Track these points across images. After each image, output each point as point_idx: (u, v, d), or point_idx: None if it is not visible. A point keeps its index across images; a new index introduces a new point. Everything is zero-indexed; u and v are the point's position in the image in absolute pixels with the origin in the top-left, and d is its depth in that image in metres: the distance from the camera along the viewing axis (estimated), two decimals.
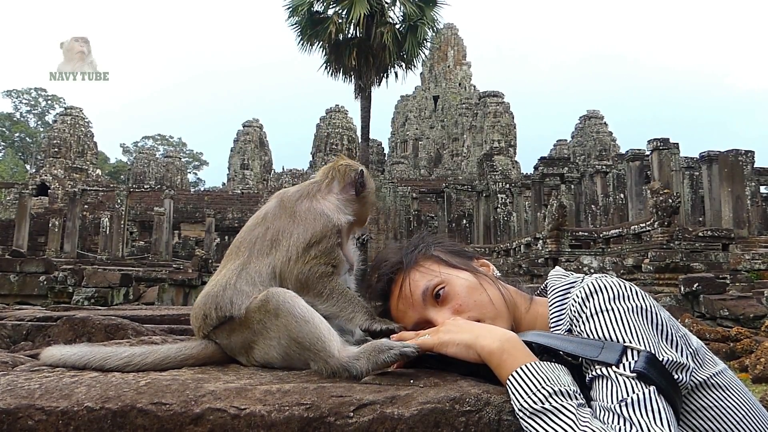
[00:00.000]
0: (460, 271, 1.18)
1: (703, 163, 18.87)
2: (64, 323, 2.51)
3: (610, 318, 0.97)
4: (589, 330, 0.98)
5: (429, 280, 1.15)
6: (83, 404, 0.91)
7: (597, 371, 0.92)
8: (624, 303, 0.98)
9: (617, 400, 0.88)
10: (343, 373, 1.03)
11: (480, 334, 1.00)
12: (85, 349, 1.16)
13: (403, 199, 28.34)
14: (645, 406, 0.86)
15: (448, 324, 1.06)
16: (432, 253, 1.21)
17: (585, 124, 38.40)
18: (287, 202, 1.25)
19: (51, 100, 59.79)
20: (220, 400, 0.91)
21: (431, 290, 1.14)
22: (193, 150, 67.27)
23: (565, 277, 1.14)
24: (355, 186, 1.29)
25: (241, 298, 1.14)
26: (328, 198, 1.27)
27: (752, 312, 8.63)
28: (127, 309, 5.86)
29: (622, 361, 0.90)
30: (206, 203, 34.26)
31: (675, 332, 0.99)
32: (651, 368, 0.89)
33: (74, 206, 25.57)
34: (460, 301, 1.13)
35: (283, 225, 1.21)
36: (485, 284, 1.16)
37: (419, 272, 1.17)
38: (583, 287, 1.03)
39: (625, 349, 0.92)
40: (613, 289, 1.00)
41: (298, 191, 1.28)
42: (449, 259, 1.20)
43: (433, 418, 0.89)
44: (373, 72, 20.96)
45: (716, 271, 12.10)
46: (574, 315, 1.02)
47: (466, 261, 1.22)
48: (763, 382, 5.80)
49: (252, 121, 44.87)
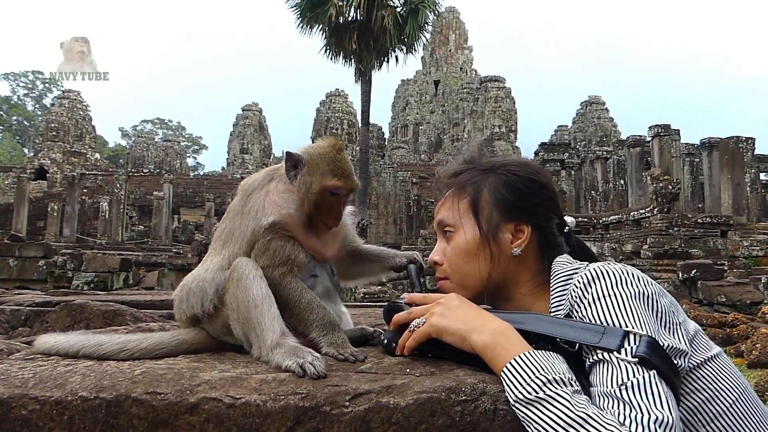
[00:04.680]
0: (476, 228, 1.16)
1: (704, 150, 18.81)
2: (61, 309, 2.51)
3: (612, 303, 0.96)
4: (590, 315, 0.97)
5: (448, 217, 1.20)
6: (77, 394, 0.91)
7: (597, 356, 0.92)
8: (626, 288, 0.97)
9: (617, 384, 0.87)
10: (266, 362, 1.04)
11: (474, 327, 0.99)
12: (79, 337, 1.15)
13: (403, 184, 28.31)
14: (645, 390, 0.85)
15: (442, 306, 1.04)
16: (480, 190, 1.18)
17: (586, 110, 38.21)
18: (244, 195, 1.20)
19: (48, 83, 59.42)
20: (216, 390, 0.91)
21: (443, 227, 1.21)
22: (192, 134, 67.08)
23: (569, 264, 1.13)
24: (287, 174, 1.17)
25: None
26: (278, 188, 1.18)
27: (749, 298, 8.67)
28: (126, 294, 5.88)
29: (623, 346, 0.90)
30: (206, 188, 34.21)
31: (673, 318, 0.99)
32: (652, 353, 0.88)
33: (73, 190, 25.52)
34: (448, 257, 1.19)
35: (234, 223, 1.19)
36: (481, 256, 1.15)
37: (451, 201, 1.21)
38: (585, 273, 1.02)
39: (626, 334, 0.91)
40: (616, 274, 0.99)
41: (254, 182, 1.22)
42: (484, 207, 1.17)
43: (429, 408, 0.89)
44: (374, 56, 20.81)
45: (714, 257, 12.12)
46: (575, 300, 1.01)
47: (498, 219, 1.16)
48: (758, 367, 5.83)
49: (251, 105, 44.63)
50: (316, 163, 1.16)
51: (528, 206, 1.17)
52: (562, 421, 0.84)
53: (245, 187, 1.23)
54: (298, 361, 0.98)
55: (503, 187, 1.17)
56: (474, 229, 1.16)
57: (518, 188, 1.17)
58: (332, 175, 1.16)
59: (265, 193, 1.18)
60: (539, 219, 1.18)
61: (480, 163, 1.24)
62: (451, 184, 1.23)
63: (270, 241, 1.13)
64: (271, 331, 1.05)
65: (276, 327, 1.06)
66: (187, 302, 1.18)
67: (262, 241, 1.14)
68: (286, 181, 1.18)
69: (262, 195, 1.18)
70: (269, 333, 1.05)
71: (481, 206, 1.17)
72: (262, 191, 1.19)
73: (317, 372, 0.95)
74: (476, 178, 1.19)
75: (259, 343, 1.07)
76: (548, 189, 1.22)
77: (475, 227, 1.16)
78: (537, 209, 1.18)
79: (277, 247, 1.13)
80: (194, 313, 1.16)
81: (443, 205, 1.22)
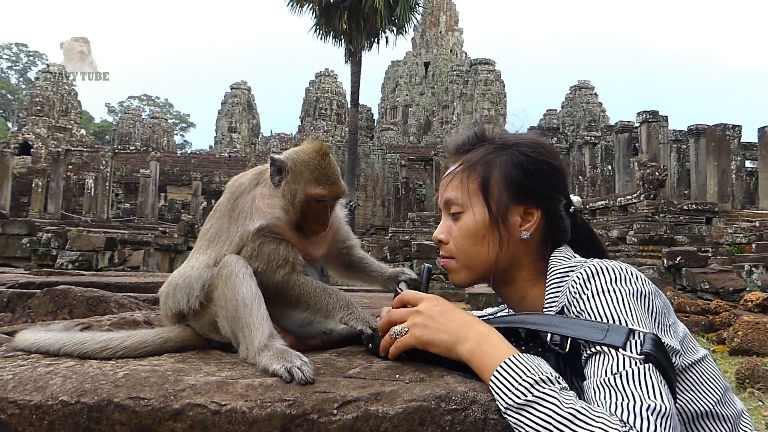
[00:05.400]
0: (485, 210, 1.13)
1: (691, 137, 18.94)
2: (44, 294, 2.46)
3: (611, 299, 0.96)
4: (588, 310, 0.97)
5: (456, 197, 1.16)
6: (58, 398, 0.88)
7: (593, 349, 0.92)
8: (625, 285, 0.98)
9: (611, 373, 0.87)
10: (252, 364, 1.02)
11: (458, 337, 0.97)
12: (61, 334, 1.13)
13: (391, 166, 28.24)
14: (640, 380, 0.85)
15: (424, 315, 1.00)
16: (490, 170, 1.14)
17: (575, 95, 38.21)
18: (231, 197, 1.18)
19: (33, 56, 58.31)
20: (200, 395, 0.89)
21: (450, 206, 1.17)
22: (179, 111, 66.37)
23: (567, 260, 1.12)
24: (272, 179, 1.15)
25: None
26: (263, 193, 1.15)
27: (732, 286, 8.79)
28: (111, 275, 5.81)
29: (628, 343, 0.89)
30: (193, 166, 33.91)
31: (665, 320, 1.00)
32: (657, 351, 0.88)
33: (58, 166, 25.17)
34: (454, 237, 1.16)
35: (220, 225, 1.17)
36: (490, 239, 1.13)
37: (460, 180, 1.16)
38: (584, 269, 1.02)
39: (630, 331, 0.91)
40: (614, 271, 1.00)
41: (240, 185, 1.19)
42: (494, 188, 1.13)
43: (418, 417, 0.87)
44: (364, 36, 20.61)
45: (699, 244, 12.26)
46: (574, 296, 1.00)
47: (508, 202, 1.13)
48: (739, 354, 5.93)
49: (240, 83, 44.14)
50: (300, 171, 1.13)
51: (538, 189, 1.14)
52: (552, 419, 0.83)
53: (232, 189, 1.20)
54: (285, 366, 0.96)
55: (515, 168, 1.14)
56: (483, 210, 1.13)
57: (530, 170, 1.14)
58: (316, 183, 1.13)
59: (251, 199, 1.15)
60: (549, 202, 1.16)
61: (491, 139, 1.19)
62: (461, 161, 1.19)
63: (261, 246, 1.11)
64: (260, 333, 1.04)
65: (264, 328, 1.04)
66: (173, 298, 1.16)
67: (252, 246, 1.12)
68: (272, 185, 1.15)
69: (248, 201, 1.15)
70: (257, 334, 1.03)
71: (491, 187, 1.14)
72: (249, 196, 1.16)
73: (305, 377, 0.93)
74: (487, 157, 1.16)
75: (247, 344, 1.05)
76: (559, 170, 1.19)
77: (484, 209, 1.13)
78: (547, 192, 1.16)
79: (270, 250, 1.12)
80: (180, 309, 1.15)
81: (451, 182, 1.18)
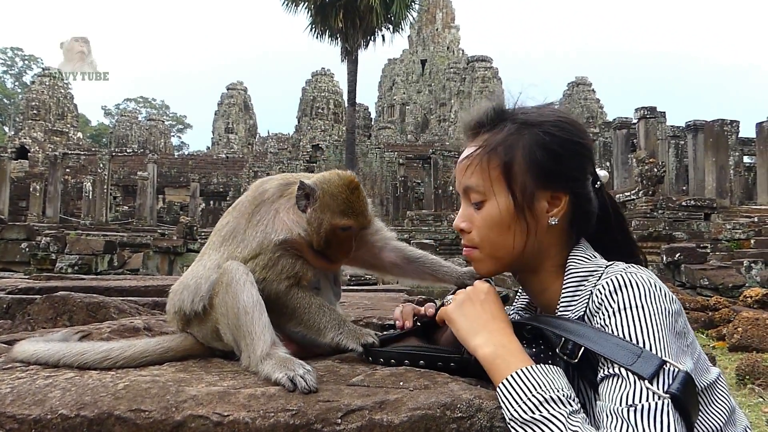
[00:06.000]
0: (509, 197, 1.05)
1: (689, 132, 18.93)
2: (44, 301, 2.45)
3: (639, 317, 0.91)
4: (613, 325, 0.92)
5: (477, 184, 1.07)
6: (57, 411, 0.87)
7: (613, 370, 0.88)
8: (654, 303, 0.92)
9: (626, 404, 0.84)
10: (255, 373, 1.02)
11: (479, 329, 0.99)
12: (60, 345, 1.11)
13: (389, 165, 28.21)
14: (655, 417, 0.82)
15: (465, 295, 1.04)
16: (513, 154, 1.05)
17: (573, 91, 38.24)
18: (254, 200, 1.18)
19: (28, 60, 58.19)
20: (202, 406, 0.88)
21: (469, 193, 1.09)
22: (176, 113, 66.26)
23: (586, 261, 1.07)
24: (297, 202, 1.15)
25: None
26: (287, 207, 1.16)
27: (731, 282, 8.79)
28: (111, 279, 5.80)
29: (658, 377, 0.85)
30: (190, 168, 33.84)
31: (685, 341, 0.96)
32: (685, 390, 0.84)
33: (55, 170, 25.11)
34: (477, 226, 1.09)
35: (237, 224, 1.17)
36: (516, 229, 1.06)
37: (479, 165, 1.07)
38: (612, 279, 0.97)
39: (662, 364, 0.86)
40: (643, 286, 0.94)
41: (265, 191, 1.19)
42: (518, 174, 1.05)
43: (423, 425, 0.86)
44: (360, 34, 20.57)
45: (698, 240, 12.26)
46: (599, 307, 0.96)
47: (534, 188, 1.05)
48: (739, 350, 5.92)
49: (236, 83, 44.07)
50: (327, 202, 1.13)
51: (566, 172, 1.06)
52: None
53: (256, 193, 1.20)
54: (288, 374, 0.95)
55: (540, 151, 1.04)
56: (507, 198, 1.05)
57: (556, 152, 1.05)
58: (343, 215, 1.13)
59: (275, 210, 1.16)
60: (577, 185, 1.07)
61: (513, 115, 1.09)
62: (479, 143, 1.09)
63: (279, 258, 1.12)
64: (262, 341, 1.02)
65: (267, 336, 1.03)
66: (179, 297, 1.16)
67: (270, 256, 1.12)
68: (296, 205, 1.15)
69: (272, 211, 1.15)
70: (259, 343, 1.02)
71: (515, 173, 1.05)
72: (272, 207, 1.16)
73: (308, 386, 0.92)
74: (509, 139, 1.06)
75: (249, 353, 1.04)
76: (588, 149, 1.11)
77: (508, 197, 1.05)
78: (576, 174, 1.07)
79: (286, 264, 1.12)
80: (185, 310, 1.14)
81: (470, 167, 1.09)
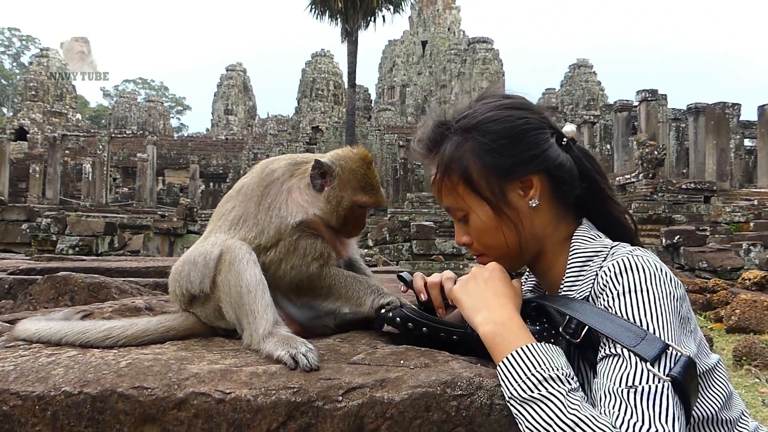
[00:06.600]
0: (482, 203, 1.08)
1: (690, 115, 18.84)
2: (45, 281, 2.45)
3: (644, 299, 0.92)
4: (618, 307, 0.93)
5: (453, 205, 1.12)
6: (60, 388, 0.87)
7: (614, 350, 0.89)
8: (659, 287, 0.93)
9: (626, 385, 0.85)
10: (257, 351, 1.02)
11: (480, 306, 1.00)
12: (62, 324, 1.12)
13: (389, 147, 28.11)
14: (654, 399, 0.83)
15: (471, 275, 1.06)
16: (465, 166, 1.07)
17: (574, 73, 37.96)
18: (261, 182, 1.16)
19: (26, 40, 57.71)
20: (204, 384, 0.88)
21: (455, 214, 1.14)
22: (175, 94, 65.87)
23: (590, 241, 1.08)
24: (312, 181, 1.15)
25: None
26: (300, 187, 1.15)
27: (730, 264, 8.83)
28: (112, 260, 5.81)
29: (660, 360, 0.86)
30: (190, 149, 33.74)
31: (688, 325, 0.97)
32: (686, 374, 0.85)
33: (55, 152, 25.04)
34: (473, 237, 1.13)
35: (246, 210, 1.15)
36: (504, 227, 1.08)
37: (446, 186, 1.11)
38: (618, 261, 0.97)
39: (665, 347, 0.87)
40: (648, 270, 0.95)
41: (273, 172, 1.17)
42: (480, 180, 1.07)
43: (423, 403, 0.87)
44: (360, 15, 20.40)
45: (697, 223, 12.28)
46: (602, 288, 0.97)
47: (499, 185, 1.07)
48: (737, 332, 5.97)
49: (235, 65, 43.77)
50: (347, 178, 1.15)
51: (520, 157, 1.06)
52: (553, 423, 0.83)
53: (262, 174, 1.18)
54: (290, 352, 0.95)
55: (486, 154, 1.06)
56: (482, 205, 1.08)
57: (502, 145, 1.06)
58: (364, 192, 1.15)
59: (287, 190, 1.15)
60: (539, 162, 1.07)
61: (451, 124, 1.10)
62: (435, 163, 1.12)
63: (298, 240, 1.12)
64: (264, 320, 1.03)
65: (269, 315, 1.04)
66: (187, 277, 1.12)
67: (289, 240, 1.11)
68: (309, 182, 1.15)
69: (283, 192, 1.14)
70: (262, 321, 1.03)
71: (475, 181, 1.07)
72: (283, 187, 1.15)
73: (309, 364, 0.93)
74: (456, 153, 1.08)
75: (251, 331, 1.04)
76: (531, 125, 1.08)
77: (482, 203, 1.08)
78: (531, 154, 1.07)
79: (307, 245, 1.12)
80: (191, 290, 1.12)
81: (439, 191, 1.14)
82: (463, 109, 1.12)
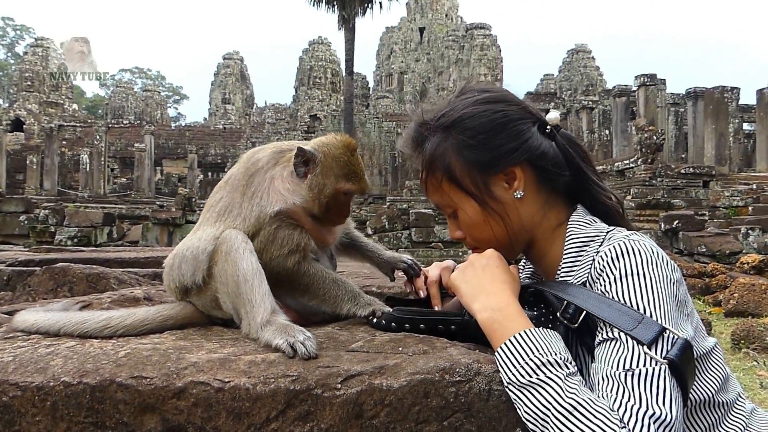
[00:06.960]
0: (468, 199, 1.10)
1: (689, 100, 18.76)
2: (44, 272, 2.45)
3: (640, 283, 0.92)
4: (615, 291, 0.94)
5: (441, 202, 1.15)
6: (60, 379, 0.88)
7: (611, 334, 0.89)
8: (656, 271, 0.94)
9: (623, 368, 0.85)
10: (255, 340, 1.02)
11: (478, 293, 1.01)
12: (60, 314, 1.12)
13: (388, 135, 28.03)
14: (651, 381, 0.83)
15: (468, 263, 1.07)
16: (449, 164, 1.09)
17: (572, 59, 37.77)
18: (246, 172, 1.16)
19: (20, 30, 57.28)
20: (203, 373, 0.88)
21: (442, 208, 1.17)
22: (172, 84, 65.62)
23: (586, 226, 1.08)
24: (296, 169, 1.13)
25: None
26: (283, 175, 1.14)
27: (728, 248, 8.84)
28: (111, 251, 5.82)
29: (657, 343, 0.86)
30: (188, 139, 33.66)
31: (685, 309, 0.97)
32: (683, 356, 0.85)
33: (51, 142, 24.96)
34: (465, 232, 1.15)
35: (232, 199, 1.15)
36: (491, 220, 1.09)
37: (432, 184, 1.14)
38: (614, 246, 0.98)
39: (662, 330, 0.87)
40: (646, 253, 0.95)
41: (258, 161, 1.16)
42: (463, 176, 1.09)
43: (422, 389, 0.87)
44: (357, 2, 20.26)
45: (696, 207, 12.28)
46: (599, 272, 0.97)
47: (482, 179, 1.08)
48: (735, 316, 6.00)
49: (233, 53, 43.56)
50: (330, 165, 1.13)
51: (501, 151, 1.07)
52: (552, 407, 0.83)
53: (248, 164, 1.17)
54: (289, 340, 0.95)
55: (467, 150, 1.08)
56: (468, 200, 1.10)
57: (481, 140, 1.07)
58: (347, 179, 1.14)
59: (269, 179, 1.14)
60: (521, 153, 1.08)
61: (430, 124, 1.12)
62: (420, 163, 1.14)
63: (277, 230, 1.11)
64: (262, 308, 1.03)
65: (267, 304, 1.04)
66: (179, 270, 1.14)
67: (268, 230, 1.11)
68: (293, 171, 1.13)
69: (266, 180, 1.14)
70: (259, 310, 1.03)
71: (459, 177, 1.09)
72: (267, 176, 1.14)
73: (308, 352, 0.93)
74: (437, 151, 1.10)
75: (249, 320, 1.04)
76: (509, 115, 1.09)
77: (468, 198, 1.10)
78: (511, 146, 1.07)
79: (285, 235, 1.11)
80: (184, 283, 1.13)
81: (427, 190, 1.16)
82: (442, 107, 1.14)
